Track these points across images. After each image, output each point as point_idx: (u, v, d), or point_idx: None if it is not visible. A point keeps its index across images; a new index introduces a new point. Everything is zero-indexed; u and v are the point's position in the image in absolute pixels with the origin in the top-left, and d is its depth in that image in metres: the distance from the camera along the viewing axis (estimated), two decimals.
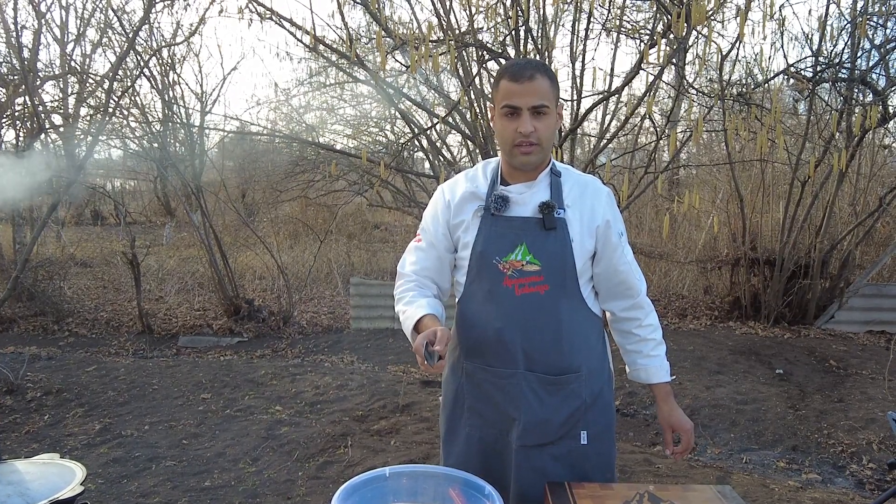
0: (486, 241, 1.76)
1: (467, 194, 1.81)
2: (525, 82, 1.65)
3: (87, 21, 8.66)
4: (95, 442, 4.27)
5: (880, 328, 7.15)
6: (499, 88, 1.70)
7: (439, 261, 1.86)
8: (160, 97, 8.01)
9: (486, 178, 1.83)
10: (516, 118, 1.67)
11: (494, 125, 1.77)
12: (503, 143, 1.73)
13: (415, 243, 1.91)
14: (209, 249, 7.55)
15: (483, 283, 1.77)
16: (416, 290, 1.85)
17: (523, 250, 1.73)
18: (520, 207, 1.76)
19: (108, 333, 7.50)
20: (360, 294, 7.54)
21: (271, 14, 6.18)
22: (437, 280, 1.88)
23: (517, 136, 1.67)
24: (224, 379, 5.40)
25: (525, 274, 1.73)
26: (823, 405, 4.95)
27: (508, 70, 1.70)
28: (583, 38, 6.29)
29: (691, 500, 1.50)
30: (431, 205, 1.90)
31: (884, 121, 6.44)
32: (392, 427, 4.34)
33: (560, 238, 1.73)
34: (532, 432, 1.74)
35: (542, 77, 1.67)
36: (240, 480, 3.72)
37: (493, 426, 1.81)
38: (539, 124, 1.67)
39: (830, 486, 3.85)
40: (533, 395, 1.75)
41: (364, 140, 10.66)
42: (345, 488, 1.48)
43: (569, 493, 1.52)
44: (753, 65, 7.62)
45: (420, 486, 1.57)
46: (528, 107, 1.66)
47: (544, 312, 1.74)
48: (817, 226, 7.25)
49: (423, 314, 1.75)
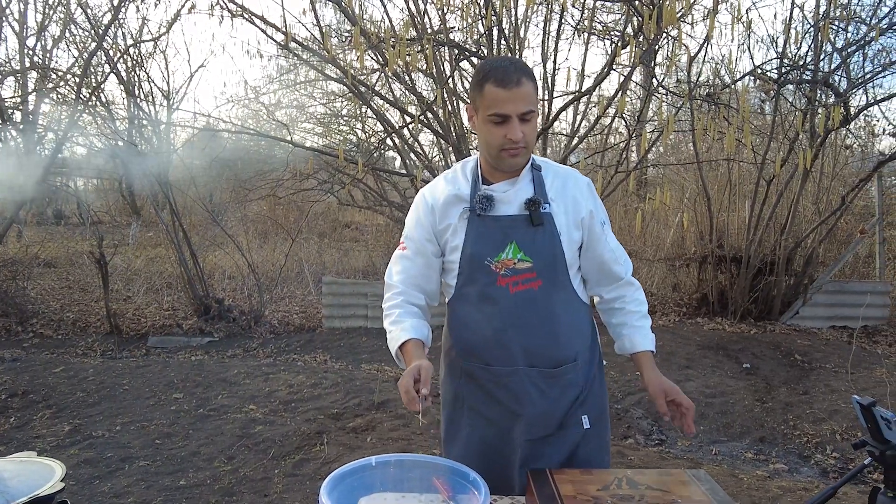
0: (475, 243, 1.76)
1: (450, 197, 1.80)
2: (513, 88, 1.62)
3: (49, 15, 8.49)
4: (65, 443, 4.19)
5: (843, 323, 7.35)
6: (483, 93, 1.66)
7: (427, 267, 1.85)
8: (126, 94, 7.89)
9: (467, 179, 1.82)
10: (504, 125, 1.65)
11: (477, 128, 1.74)
12: (489, 148, 1.71)
13: (400, 252, 1.89)
14: (178, 248, 7.46)
15: (476, 285, 1.78)
16: (402, 306, 1.84)
17: (514, 248, 1.74)
18: (505, 206, 1.76)
19: (74, 334, 7.36)
20: (332, 293, 7.51)
21: (242, 11, 6.14)
22: (425, 287, 1.87)
23: (506, 142, 1.66)
24: (196, 378, 5.35)
25: (518, 271, 1.74)
26: (789, 398, 5.08)
27: (493, 74, 1.65)
28: (554, 38, 6.35)
29: (667, 483, 1.54)
30: (413, 211, 1.87)
31: (845, 122, 6.62)
32: (367, 424, 4.34)
33: (548, 233, 1.74)
34: (537, 425, 1.77)
35: (527, 81, 1.65)
36: (216, 479, 3.69)
37: (495, 424, 1.82)
38: (526, 128, 1.67)
39: (796, 476, 3.96)
40: (535, 389, 1.77)
41: (334, 138, 10.61)
42: (332, 478, 1.49)
43: (550, 479, 1.55)
44: (721, 66, 7.78)
45: (406, 474, 1.58)
46: (517, 114, 1.64)
47: (540, 308, 1.76)
48: (782, 224, 7.42)
49: (405, 339, 1.75)
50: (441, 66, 6.05)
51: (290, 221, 11.44)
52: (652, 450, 4.32)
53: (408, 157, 8.62)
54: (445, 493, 1.56)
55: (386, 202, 9.52)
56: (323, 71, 7.18)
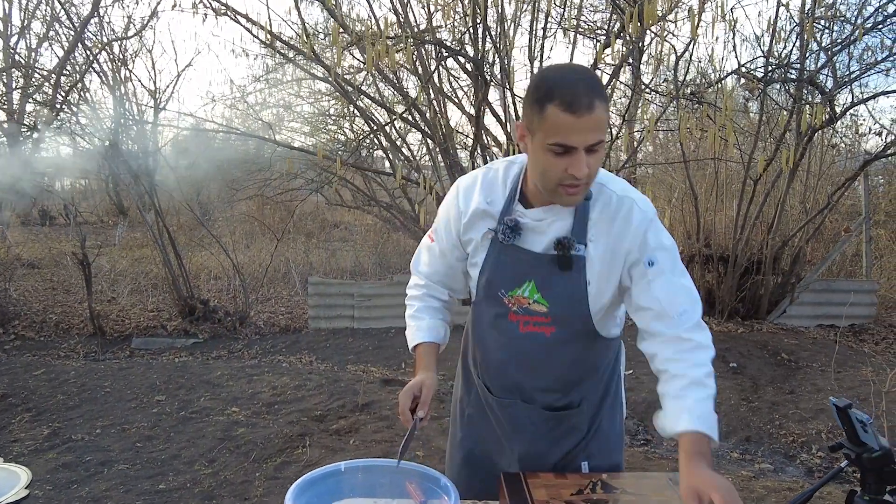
0: (492, 272, 1.60)
1: (479, 211, 1.59)
2: (583, 115, 1.32)
3: (32, 13, 8.40)
4: (43, 447, 4.13)
5: (830, 322, 7.36)
6: (545, 116, 1.35)
7: (451, 268, 1.73)
8: (111, 93, 7.81)
9: (505, 190, 1.58)
10: (568, 157, 1.36)
11: (530, 151, 1.45)
12: (544, 180, 1.44)
13: (428, 242, 1.76)
14: (163, 249, 7.39)
15: (490, 308, 1.65)
16: (424, 300, 1.78)
17: (531, 288, 1.56)
18: (534, 237, 1.55)
19: (57, 336, 7.27)
20: (318, 294, 7.46)
21: (226, 10, 6.08)
22: (450, 284, 1.78)
23: (566, 177, 1.39)
24: (179, 380, 5.29)
25: (531, 312, 1.58)
26: (775, 397, 5.07)
27: (560, 94, 1.33)
28: (540, 37, 6.33)
29: (644, 487, 1.51)
30: (445, 207, 1.69)
31: (831, 121, 6.62)
32: (351, 426, 4.30)
33: (574, 280, 1.53)
34: (528, 463, 1.67)
35: (600, 104, 1.34)
36: (196, 482, 3.64)
37: (487, 443, 1.77)
38: (592, 160, 1.38)
39: (782, 475, 3.95)
40: (532, 426, 1.68)
41: (322, 138, 10.56)
42: (299, 484, 1.46)
43: (523, 483, 1.51)
44: (707, 65, 7.78)
45: (377, 480, 1.55)
46: (585, 146, 1.35)
47: (548, 354, 1.62)
48: (769, 223, 7.42)
49: (420, 341, 1.71)
50: (427, 64, 6.01)
51: (276, 221, 11.37)
52: (637, 450, 4.30)
53: (398, 157, 8.58)
54: (417, 497, 1.53)
55: (374, 202, 9.48)
56: (308, 70, 7.14)
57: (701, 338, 1.46)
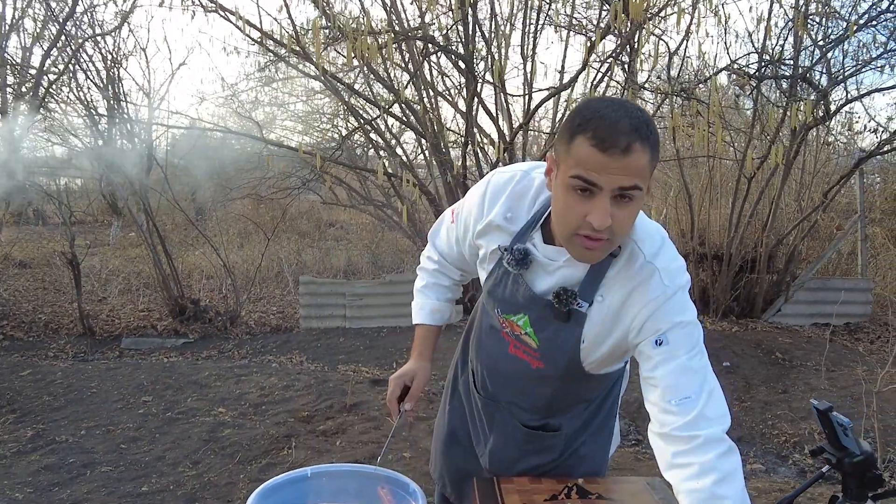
0: (492, 289, 1.48)
1: (495, 225, 1.43)
2: (617, 156, 1.12)
3: (24, 11, 8.34)
4: (26, 449, 4.07)
5: (825, 321, 7.31)
6: (572, 146, 1.16)
7: (463, 257, 1.63)
8: (102, 91, 7.75)
9: (531, 210, 1.40)
10: (589, 198, 1.16)
11: (553, 189, 1.26)
12: (562, 225, 1.24)
13: (449, 221, 1.64)
14: (153, 249, 7.34)
15: (488, 316, 1.57)
16: (436, 276, 1.74)
17: (525, 321, 1.43)
18: (541, 275, 1.39)
19: (46, 336, 7.21)
20: (309, 293, 7.40)
21: (216, 7, 6.02)
22: (462, 266, 1.70)
23: (584, 225, 1.18)
24: (166, 381, 5.23)
25: (521, 341, 1.48)
26: (768, 397, 5.03)
27: (593, 125, 1.14)
28: (533, 33, 6.28)
29: (620, 492, 1.47)
30: (471, 197, 1.52)
31: (825, 118, 6.58)
32: (338, 427, 4.25)
33: (569, 332, 1.38)
34: (496, 463, 1.63)
35: (642, 147, 1.13)
36: (179, 484, 3.59)
37: (467, 426, 1.74)
38: (620, 212, 1.16)
39: (773, 476, 3.91)
40: (505, 431, 1.62)
41: (315, 136, 10.51)
42: (262, 490, 1.41)
43: (496, 488, 1.47)
44: (699, 62, 7.73)
45: (344, 485, 1.50)
46: (612, 189, 1.15)
47: (533, 383, 1.52)
48: (764, 221, 7.39)
49: (422, 322, 1.69)
50: (418, 60, 5.96)
51: (268, 220, 11.32)
52: (628, 450, 4.25)
53: (392, 156, 8.53)
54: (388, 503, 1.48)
55: (369, 201, 9.44)
56: (297, 67, 7.09)
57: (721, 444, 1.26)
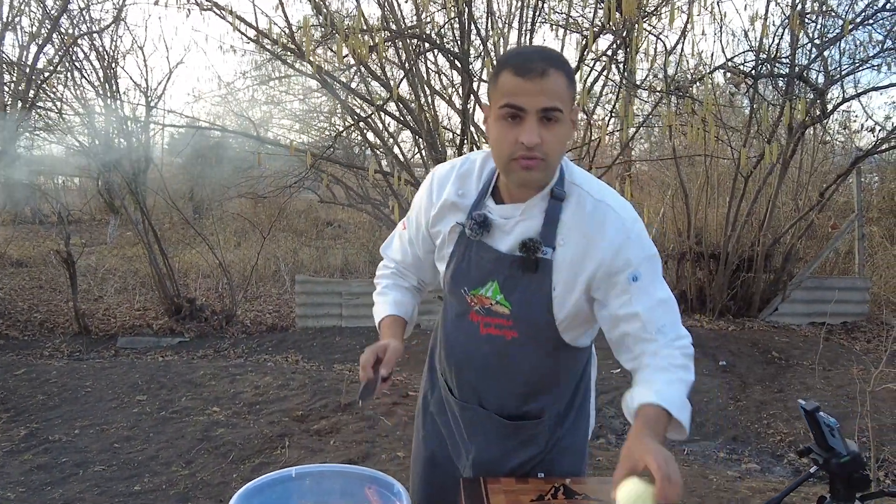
0: (456, 268, 1.51)
1: (449, 203, 1.52)
2: (534, 78, 1.28)
3: (20, 9, 8.32)
4: (19, 448, 4.06)
5: (822, 320, 7.31)
6: (497, 83, 1.34)
7: (419, 260, 1.67)
8: (99, 90, 7.73)
9: (479, 183, 1.51)
10: (518, 124, 1.31)
11: (488, 130, 1.41)
12: (498, 155, 1.38)
13: (401, 229, 1.71)
14: (149, 248, 7.33)
15: (454, 305, 1.59)
16: (391, 278, 1.73)
17: (494, 288, 1.47)
18: (501, 236, 1.46)
19: (42, 335, 7.20)
20: (305, 292, 7.39)
21: (211, 6, 6.00)
22: (419, 274, 1.72)
23: (517, 148, 1.31)
24: (161, 380, 5.22)
25: (492, 314, 1.50)
26: (763, 396, 5.02)
27: (512, 60, 1.34)
28: (528, 31, 6.25)
29: (607, 492, 1.45)
30: (418, 196, 1.62)
31: (822, 117, 6.57)
32: (332, 427, 4.24)
33: (538, 283, 1.43)
34: (481, 469, 1.59)
35: (556, 72, 1.30)
36: (171, 484, 3.58)
37: (447, 445, 1.71)
38: (547, 134, 1.31)
39: (768, 475, 3.90)
40: (487, 433, 1.60)
41: (313, 135, 10.49)
42: (245, 490, 1.40)
43: (482, 488, 1.45)
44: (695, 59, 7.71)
45: (328, 485, 1.49)
46: (536, 109, 1.30)
47: (506, 360, 1.53)
48: (761, 220, 7.38)
49: (385, 314, 1.64)
50: (413, 57, 5.94)
51: (265, 219, 11.31)
52: (615, 449, 4.24)
53: (388, 153, 8.50)
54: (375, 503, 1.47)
55: (367, 200, 9.41)
56: (293, 66, 7.06)
57: (679, 343, 1.39)
